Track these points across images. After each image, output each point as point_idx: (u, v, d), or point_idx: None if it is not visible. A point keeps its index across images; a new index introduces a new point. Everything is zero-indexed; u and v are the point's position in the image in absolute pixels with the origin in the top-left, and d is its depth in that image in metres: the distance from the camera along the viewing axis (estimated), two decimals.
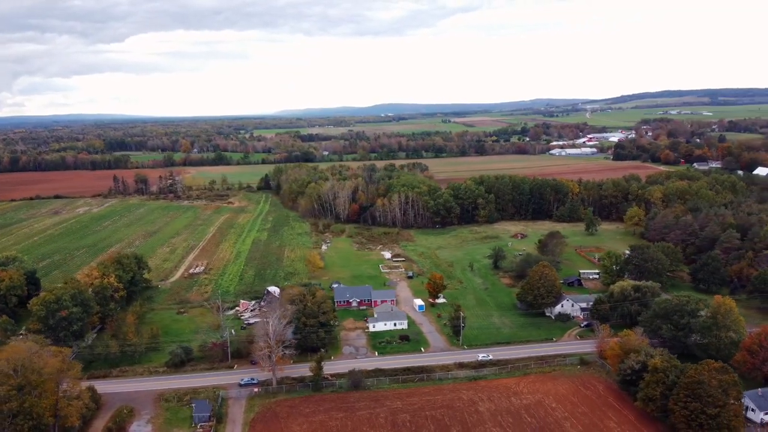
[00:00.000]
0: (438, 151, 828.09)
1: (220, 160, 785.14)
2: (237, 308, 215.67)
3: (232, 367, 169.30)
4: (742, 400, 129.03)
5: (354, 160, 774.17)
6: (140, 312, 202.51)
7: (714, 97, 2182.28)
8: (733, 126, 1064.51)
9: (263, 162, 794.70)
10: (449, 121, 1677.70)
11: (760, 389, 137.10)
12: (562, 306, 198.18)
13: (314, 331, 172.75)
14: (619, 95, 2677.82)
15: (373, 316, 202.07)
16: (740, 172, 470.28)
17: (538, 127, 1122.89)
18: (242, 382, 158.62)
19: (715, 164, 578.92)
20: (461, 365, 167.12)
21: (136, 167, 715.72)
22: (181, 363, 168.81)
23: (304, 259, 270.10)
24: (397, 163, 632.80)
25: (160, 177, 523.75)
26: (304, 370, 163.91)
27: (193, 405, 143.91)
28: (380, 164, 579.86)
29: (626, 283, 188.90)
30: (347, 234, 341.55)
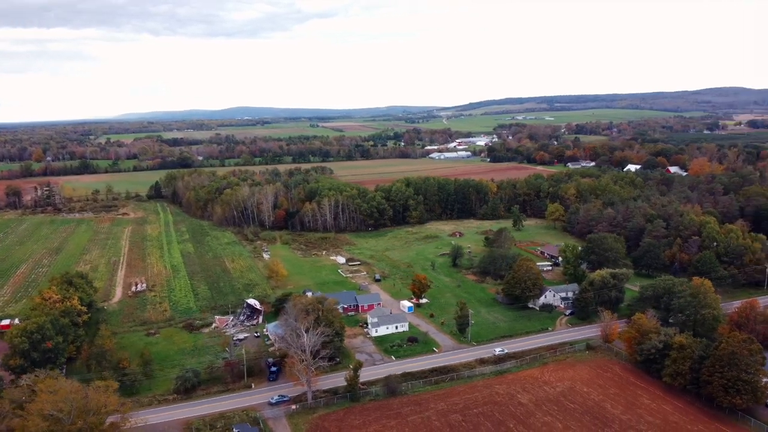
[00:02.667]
0: (325, 156, 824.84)
1: (86, 169, 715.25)
2: (215, 325, 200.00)
3: (249, 387, 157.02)
4: None
5: (237, 165, 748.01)
6: (111, 336, 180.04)
7: (551, 103, 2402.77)
8: (580, 129, 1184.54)
9: (135, 169, 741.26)
10: (317, 126, 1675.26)
11: None
12: (545, 297, 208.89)
13: (330, 340, 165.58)
14: (467, 103, 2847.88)
15: (365, 320, 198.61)
16: (614, 169, 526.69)
17: (410, 132, 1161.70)
18: (273, 401, 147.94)
19: (585, 163, 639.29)
20: (482, 361, 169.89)
21: None
22: (192, 388, 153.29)
23: (267, 268, 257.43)
24: (286, 167, 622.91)
25: (36, 188, 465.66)
26: (331, 381, 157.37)
27: (236, 430, 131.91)
28: (281, 168, 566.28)
29: (605, 271, 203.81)
30: (282, 241, 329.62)
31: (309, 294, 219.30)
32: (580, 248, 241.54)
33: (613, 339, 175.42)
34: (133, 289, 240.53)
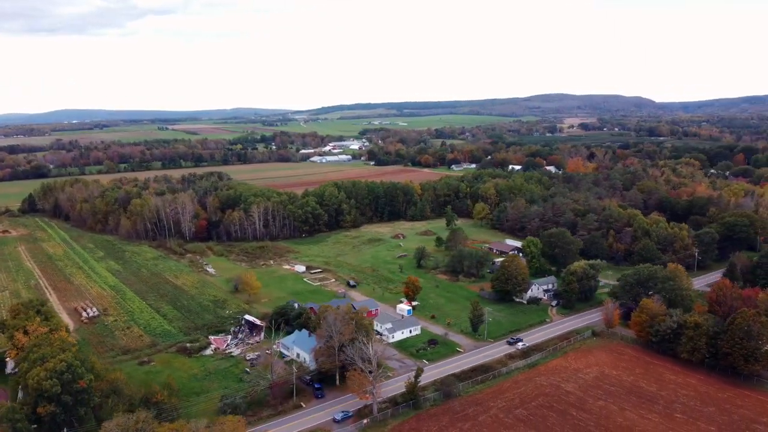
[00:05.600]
0: (197, 160, 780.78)
1: None
2: (214, 345, 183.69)
3: (300, 407, 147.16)
4: None
5: (100, 172, 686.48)
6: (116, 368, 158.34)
7: (400, 109, 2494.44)
8: (439, 134, 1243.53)
9: None
10: (166, 129, 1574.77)
11: None
12: (532, 291, 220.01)
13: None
14: (320, 107, 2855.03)
15: (372, 327, 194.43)
16: (498, 169, 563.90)
17: (280, 136, 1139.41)
18: (338, 418, 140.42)
19: (467, 165, 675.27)
20: (511, 356, 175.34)
21: None
22: (240, 414, 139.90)
23: (229, 282, 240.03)
24: (162, 173, 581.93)
25: None
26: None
27: None
28: (169, 174, 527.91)
29: (583, 262, 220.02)
30: (215, 253, 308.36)
31: (296, 305, 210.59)
32: (541, 244, 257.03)
33: (616, 324, 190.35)
34: (85, 314, 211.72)
